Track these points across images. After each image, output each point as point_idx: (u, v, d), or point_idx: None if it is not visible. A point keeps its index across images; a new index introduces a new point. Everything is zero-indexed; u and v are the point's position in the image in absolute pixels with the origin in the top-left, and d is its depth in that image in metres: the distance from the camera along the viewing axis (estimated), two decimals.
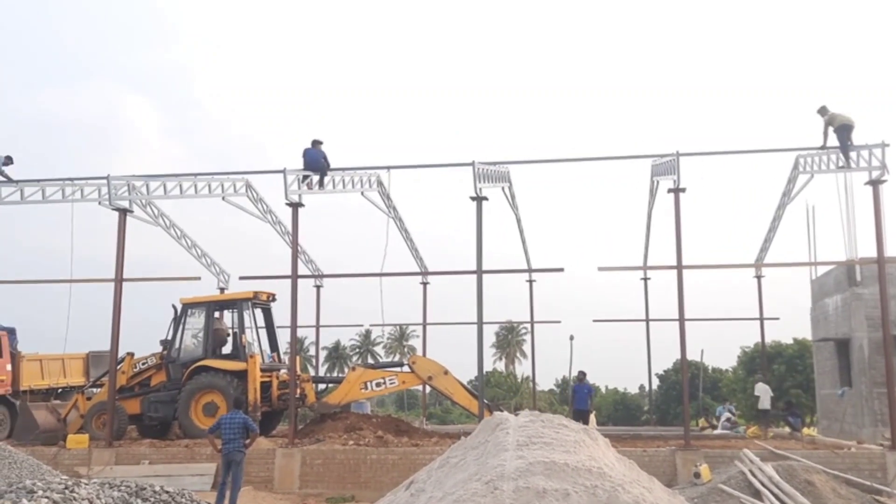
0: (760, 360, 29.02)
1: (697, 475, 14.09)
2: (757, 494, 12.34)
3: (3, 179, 20.14)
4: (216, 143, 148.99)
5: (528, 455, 7.05)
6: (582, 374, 21.61)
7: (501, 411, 9.84)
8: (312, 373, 34.42)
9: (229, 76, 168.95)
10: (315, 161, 19.14)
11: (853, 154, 17.46)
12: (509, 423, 8.06)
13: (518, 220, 24.23)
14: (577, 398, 21.04)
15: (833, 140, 17.86)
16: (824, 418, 27.32)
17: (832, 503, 12.44)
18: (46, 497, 6.17)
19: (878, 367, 21.53)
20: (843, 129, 17.63)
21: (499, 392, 61.46)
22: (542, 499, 6.30)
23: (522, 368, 76.32)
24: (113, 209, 19.49)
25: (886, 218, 16.89)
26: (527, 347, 68.06)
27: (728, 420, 25.04)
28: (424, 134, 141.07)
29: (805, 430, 22.76)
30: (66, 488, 6.52)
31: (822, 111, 18.24)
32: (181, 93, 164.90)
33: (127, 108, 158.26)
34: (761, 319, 26.13)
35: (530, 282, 27.17)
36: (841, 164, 17.74)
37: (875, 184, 16.96)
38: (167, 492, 7.63)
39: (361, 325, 29.28)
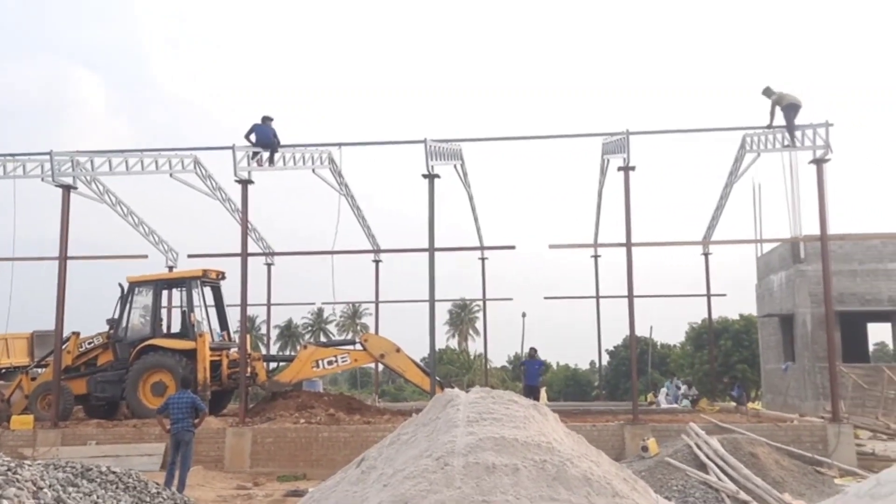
0: (707, 336, 29.53)
1: (645, 449, 14.35)
2: (702, 467, 12.61)
3: None
4: (168, 122, 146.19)
5: (478, 431, 7.08)
6: (533, 351, 21.82)
7: (453, 388, 9.87)
8: (264, 351, 34.20)
9: (183, 52, 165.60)
10: (265, 137, 18.88)
11: (798, 133, 17.76)
12: (460, 400, 8.07)
13: (470, 198, 24.29)
14: (528, 374, 21.25)
15: (780, 119, 18.14)
16: (769, 392, 28.03)
17: (775, 474, 12.76)
18: None
19: (820, 342, 22.13)
20: (790, 109, 17.89)
21: (451, 369, 61.76)
22: (492, 474, 6.34)
23: (475, 345, 76.77)
24: (56, 186, 19.00)
25: (829, 196, 17.25)
26: (480, 325, 68.33)
27: (683, 395, 25.42)
28: (376, 112, 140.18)
29: (749, 404, 23.32)
30: (8, 469, 6.35)
31: (767, 92, 18.48)
32: (132, 70, 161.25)
33: (75, 84, 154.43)
34: (708, 296, 26.58)
35: (482, 259, 27.28)
36: (787, 143, 18.05)
37: (819, 162, 17.30)
38: (114, 472, 7.52)
39: (313, 304, 29.09)
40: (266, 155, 18.92)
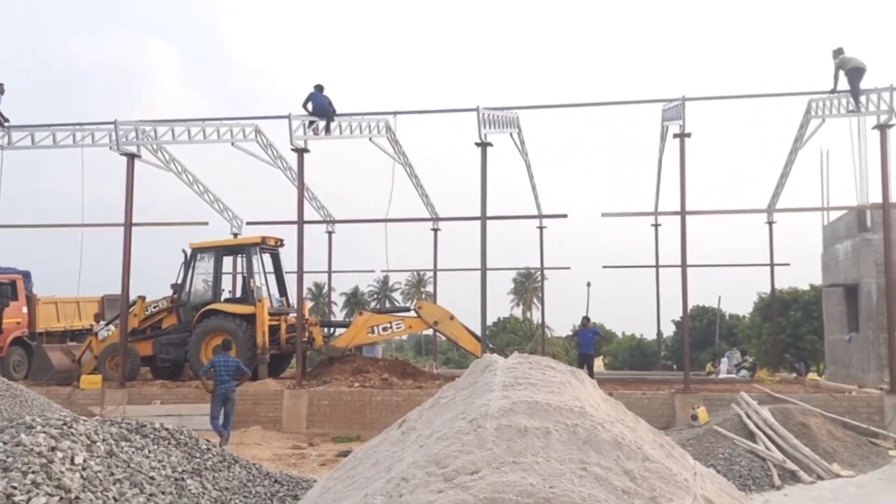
0: (770, 307, 29.01)
1: (695, 417, 14.29)
2: (751, 436, 12.52)
3: None
4: (239, 91, 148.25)
5: (512, 395, 7.18)
6: (586, 320, 21.77)
7: (505, 355, 9.99)
8: (331, 318, 34.90)
9: (253, 23, 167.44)
10: (321, 106, 19.12)
11: (863, 98, 17.21)
12: (498, 365, 8.18)
13: (528, 167, 24.17)
14: (581, 343, 21.22)
15: (844, 84, 17.59)
16: (832, 364, 27.42)
17: (826, 445, 12.60)
18: (44, 432, 6.35)
19: (885, 313, 21.54)
20: (855, 73, 17.34)
21: (514, 338, 61.84)
22: (524, 436, 6.44)
23: (539, 315, 76.70)
24: (121, 154, 19.62)
25: (894, 163, 16.73)
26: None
27: (737, 365, 25.09)
28: (432, 80, 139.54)
29: (810, 375, 22.89)
30: (64, 424, 6.70)
31: (836, 53, 17.92)
32: (205, 40, 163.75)
33: (150, 55, 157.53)
34: (772, 265, 26.06)
35: (540, 228, 27.18)
36: (851, 108, 17.51)
37: (882, 128, 16.78)
38: (166, 429, 7.82)
39: (373, 271, 29.54)
40: (322, 124, 19.18)
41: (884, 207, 16.95)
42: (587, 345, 20.96)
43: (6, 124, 20.13)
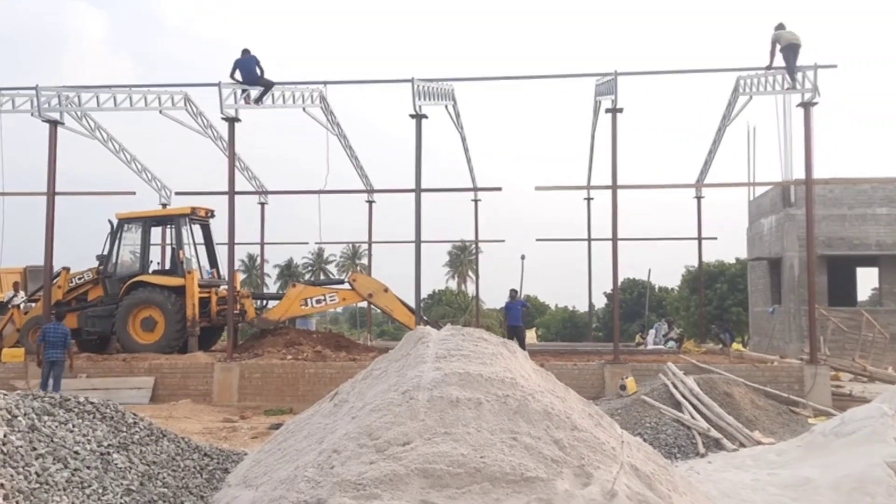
0: (697, 280, 29.74)
1: (623, 387, 14.60)
2: (677, 406, 12.84)
3: None
4: (168, 58, 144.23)
5: (445, 367, 7.22)
6: (514, 292, 21.96)
7: (439, 327, 10.02)
8: (264, 290, 34.50)
9: None
10: (249, 73, 18.68)
11: (799, 75, 17.53)
12: (430, 337, 8.22)
13: (463, 139, 24.15)
14: (510, 315, 21.42)
15: (779, 60, 17.88)
16: (756, 335, 28.37)
17: (749, 413, 13.01)
18: None
19: (806, 286, 22.30)
20: (790, 49, 17.56)
21: (449, 310, 62.18)
22: (456, 407, 6.49)
23: (474, 287, 77.14)
24: (43, 121, 18.93)
25: (826, 140, 17.30)
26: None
27: (664, 336, 25.68)
28: (366, 49, 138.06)
29: (734, 346, 23.58)
30: None
31: (777, 28, 18.05)
32: (135, 4, 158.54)
33: (74, 17, 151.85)
34: (699, 239, 26.59)
35: (475, 201, 27.27)
36: (787, 85, 17.84)
37: (807, 106, 17.22)
38: (91, 402, 7.64)
39: (306, 243, 29.23)
40: (255, 93, 18.78)
41: (807, 183, 17.47)
42: (516, 317, 21.17)
43: None
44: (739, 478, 9.45)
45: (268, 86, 18.69)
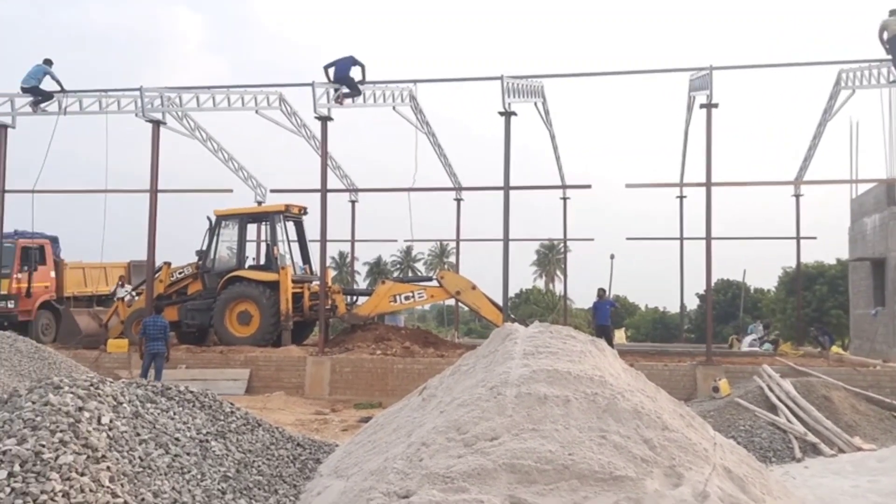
0: (795, 281, 28.79)
1: (716, 389, 14.26)
2: (773, 409, 12.47)
3: (56, 85, 20.24)
4: (263, 59, 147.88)
5: (533, 363, 7.21)
6: (602, 292, 21.71)
7: (526, 325, 10.02)
8: (354, 286, 35.10)
9: None
10: (341, 73, 18.96)
11: None
12: (518, 334, 8.22)
13: (552, 137, 23.99)
14: (598, 315, 21.19)
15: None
16: (857, 338, 27.23)
17: (848, 418, 12.53)
18: (72, 393, 6.45)
19: None
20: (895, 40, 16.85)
21: (537, 309, 61.81)
22: (543, 404, 6.47)
23: (562, 286, 76.51)
24: (147, 121, 19.71)
25: None
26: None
27: (759, 339, 24.98)
28: (456, 48, 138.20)
29: (834, 349, 22.73)
30: (91, 385, 6.81)
31: (892, 13, 17.18)
32: (231, 7, 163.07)
33: (175, 21, 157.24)
34: (798, 238, 25.79)
35: (564, 199, 27.02)
36: (893, 77, 17.07)
37: None
38: (191, 391, 7.93)
39: (395, 241, 29.62)
40: (344, 91, 19.06)
41: None
42: (604, 316, 20.94)
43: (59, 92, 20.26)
44: (838, 484, 9.14)
45: (352, 86, 18.95)
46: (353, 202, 27.40)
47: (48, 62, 20.27)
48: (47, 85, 20.19)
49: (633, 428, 6.29)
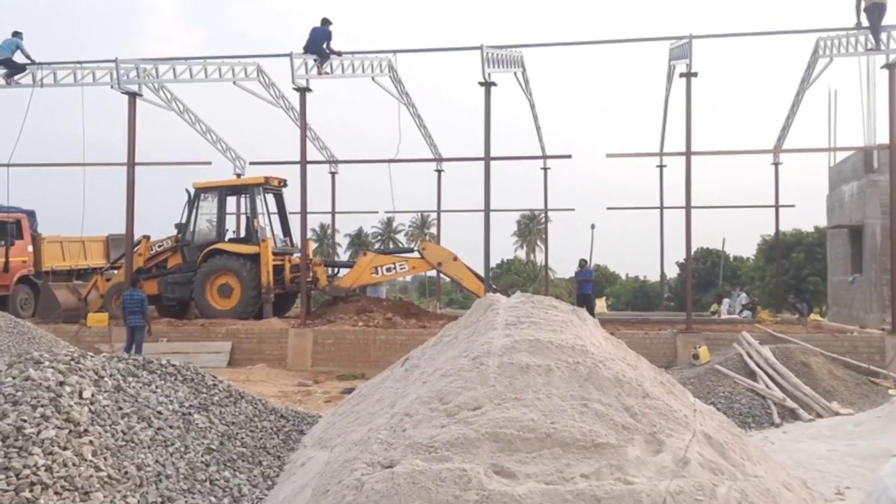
0: (774, 249, 29.02)
1: (696, 357, 14.41)
2: (752, 375, 12.63)
3: (25, 59, 19.96)
4: (240, 30, 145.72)
5: (515, 333, 7.24)
6: (583, 262, 21.82)
7: (508, 295, 10.07)
8: (336, 258, 35.06)
9: None
10: (313, 41, 18.79)
11: (883, 35, 16.78)
12: (500, 304, 8.24)
13: (532, 107, 23.94)
14: (580, 284, 21.36)
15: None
16: (835, 305, 27.57)
17: (826, 384, 12.72)
18: (52, 367, 6.43)
19: (889, 255, 21.56)
20: (874, 8, 16.81)
21: (518, 279, 61.89)
22: (526, 374, 6.51)
23: (543, 257, 76.69)
24: (122, 93, 19.47)
25: None
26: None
27: (745, 306, 25.15)
28: (434, 16, 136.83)
29: (812, 316, 23.01)
30: (72, 360, 6.78)
31: None
32: None
33: None
34: (777, 207, 25.95)
35: (545, 169, 27.03)
36: (870, 46, 17.13)
37: (892, 67, 16.52)
38: (173, 365, 7.92)
39: (377, 212, 29.62)
40: (329, 62, 18.89)
41: (891, 148, 16.83)
42: (585, 286, 21.09)
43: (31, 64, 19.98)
44: (815, 448, 9.28)
45: (323, 55, 18.79)
46: (333, 174, 27.26)
47: (18, 34, 19.96)
48: (18, 58, 19.87)
49: (614, 396, 6.35)
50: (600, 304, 29.24)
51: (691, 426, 6.23)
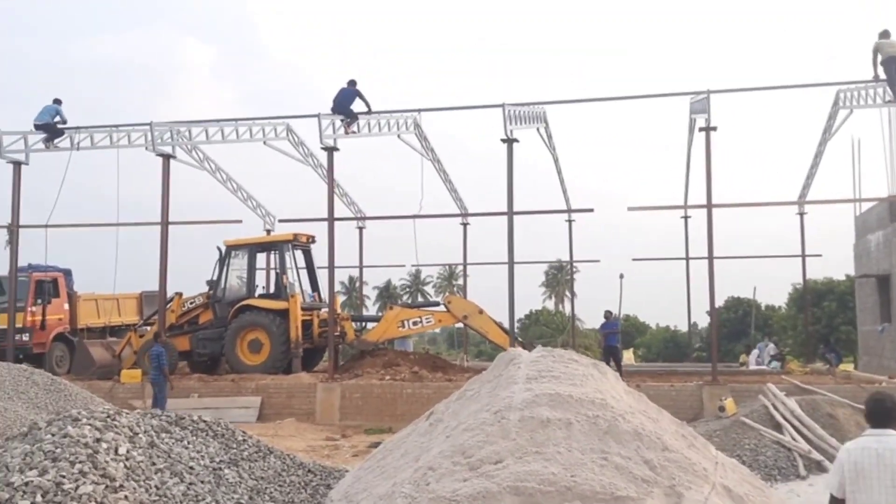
0: (803, 298, 28.83)
1: (722, 409, 14.38)
2: (778, 427, 12.61)
3: (60, 122, 20.74)
4: (270, 89, 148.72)
5: (535, 387, 7.38)
6: (608, 314, 21.88)
7: (534, 347, 10.20)
8: (364, 312, 35.32)
9: (285, 23, 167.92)
10: (339, 103, 19.30)
11: None
12: (522, 359, 8.39)
13: (555, 160, 24.27)
14: (606, 337, 21.40)
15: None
16: (865, 354, 27.24)
17: (854, 435, 12.58)
18: (90, 425, 6.67)
19: None
20: (891, 62, 16.95)
21: (546, 330, 61.65)
22: (546, 427, 6.63)
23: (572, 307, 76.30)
24: (157, 155, 20.07)
25: None
26: (575, 287, 68.18)
27: (773, 357, 24.97)
28: (458, 75, 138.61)
29: (842, 366, 22.77)
30: (108, 416, 7.03)
31: (880, 36, 17.34)
32: (241, 38, 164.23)
33: (184, 52, 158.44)
34: (803, 256, 25.88)
35: (569, 221, 27.30)
36: (889, 98, 17.25)
37: None
38: (204, 420, 8.14)
39: (403, 266, 29.91)
40: (356, 122, 19.39)
41: None
42: (612, 338, 21.13)
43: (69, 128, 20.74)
44: None
45: (350, 116, 19.31)
46: (360, 229, 27.67)
47: (58, 101, 20.80)
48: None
49: (633, 449, 6.44)
50: (628, 356, 29.08)
51: (710, 479, 6.31)
